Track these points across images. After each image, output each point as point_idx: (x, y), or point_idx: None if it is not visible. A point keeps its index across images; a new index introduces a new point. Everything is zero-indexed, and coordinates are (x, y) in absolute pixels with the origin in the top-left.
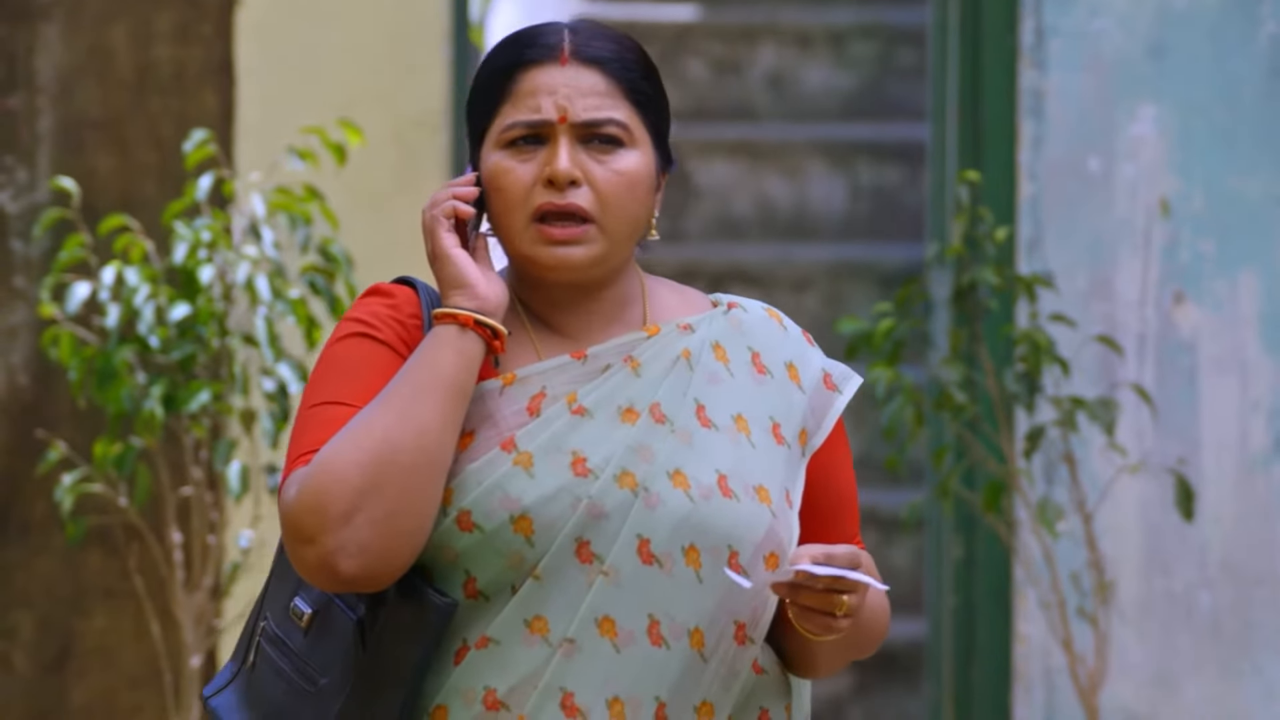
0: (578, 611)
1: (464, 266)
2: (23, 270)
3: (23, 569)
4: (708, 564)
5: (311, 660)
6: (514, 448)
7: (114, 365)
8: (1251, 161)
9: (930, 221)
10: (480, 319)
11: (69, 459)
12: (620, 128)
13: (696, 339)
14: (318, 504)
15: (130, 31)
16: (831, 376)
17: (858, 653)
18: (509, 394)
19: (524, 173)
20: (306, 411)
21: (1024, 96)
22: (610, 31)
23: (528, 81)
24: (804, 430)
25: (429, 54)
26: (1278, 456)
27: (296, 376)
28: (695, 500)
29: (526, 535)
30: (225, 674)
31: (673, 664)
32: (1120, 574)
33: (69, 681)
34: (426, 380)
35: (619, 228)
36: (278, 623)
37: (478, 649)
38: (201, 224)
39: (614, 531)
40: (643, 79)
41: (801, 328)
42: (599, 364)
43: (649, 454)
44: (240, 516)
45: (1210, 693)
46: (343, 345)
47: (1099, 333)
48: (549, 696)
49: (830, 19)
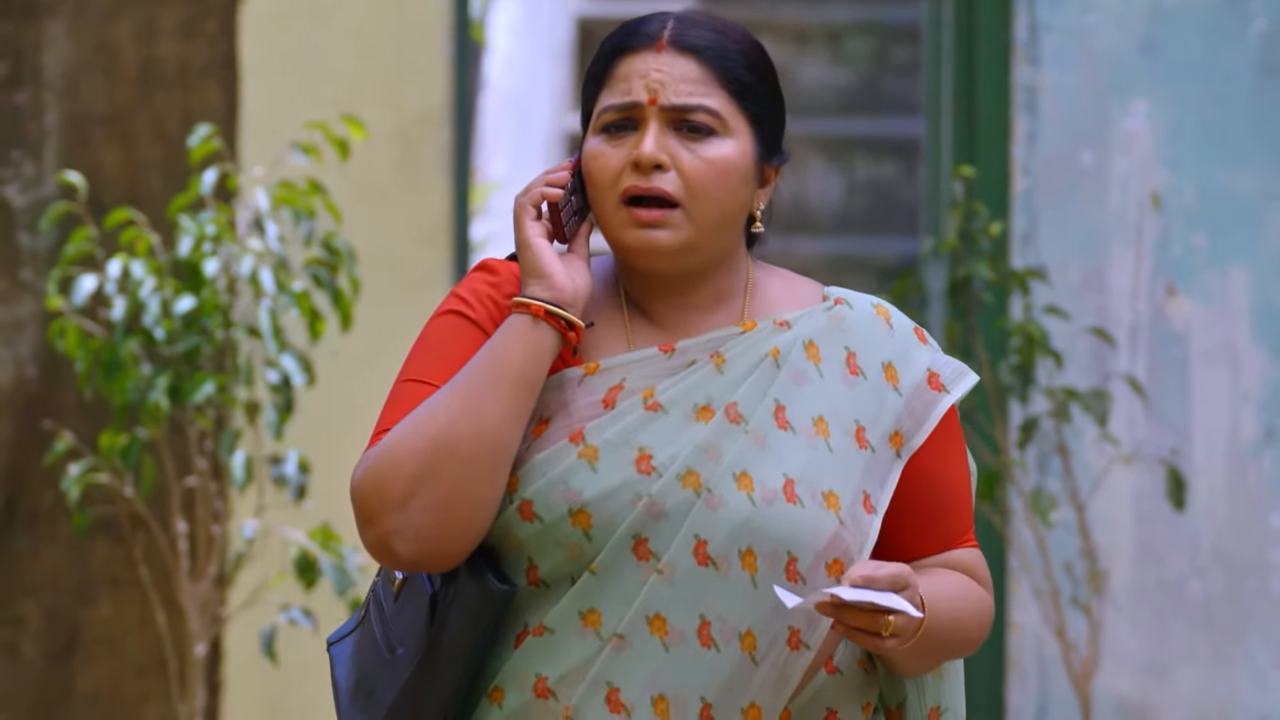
0: (630, 607)
1: (542, 256)
2: (30, 263)
3: (30, 558)
4: (764, 569)
5: (395, 627)
6: (581, 440)
7: (120, 357)
8: (1242, 156)
9: (926, 216)
10: (553, 310)
11: (76, 450)
12: (711, 115)
13: (789, 337)
14: (377, 487)
15: (135, 28)
16: (940, 376)
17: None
18: (588, 384)
19: (614, 157)
20: (395, 386)
21: (1018, 92)
22: (716, 21)
23: (624, 67)
24: (898, 432)
25: (431, 50)
26: (1268, 447)
27: (300, 368)
28: (757, 504)
29: (584, 529)
30: (349, 624)
31: (721, 665)
32: (1113, 563)
33: (76, 669)
34: (493, 371)
35: (707, 215)
36: (383, 583)
37: (535, 636)
38: (206, 218)
39: (672, 530)
40: (744, 68)
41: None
42: (685, 359)
43: (717, 454)
44: (244, 506)
45: (1201, 680)
46: (438, 322)
47: (1092, 325)
48: (595, 689)
49: (827, 16)
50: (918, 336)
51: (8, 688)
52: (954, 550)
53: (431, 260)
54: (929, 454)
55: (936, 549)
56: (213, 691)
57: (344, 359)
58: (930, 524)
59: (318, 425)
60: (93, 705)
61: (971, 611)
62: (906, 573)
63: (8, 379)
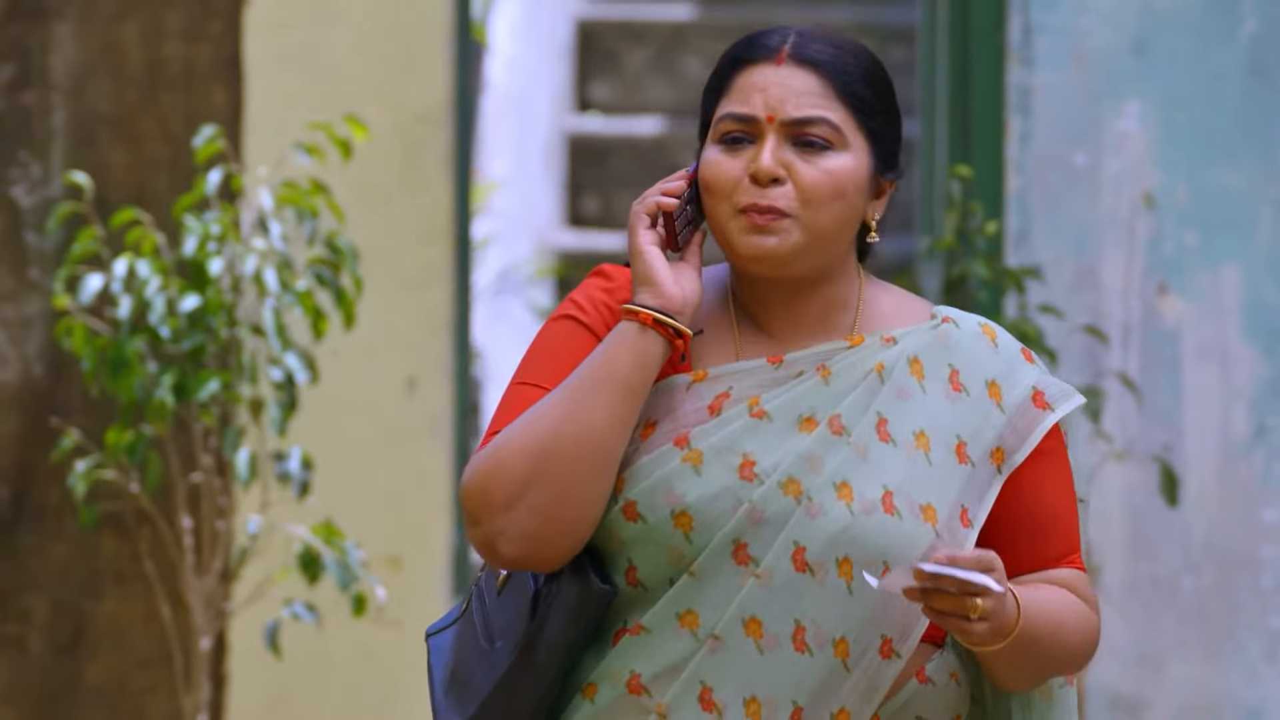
0: (727, 610)
1: (653, 264)
2: (37, 262)
3: (37, 553)
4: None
5: (495, 621)
6: (687, 444)
7: (126, 355)
8: (1233, 155)
9: (921, 215)
10: (661, 318)
11: (82, 446)
12: (830, 128)
13: (894, 352)
14: (484, 489)
15: (141, 29)
16: (1045, 395)
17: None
18: (695, 390)
19: (732, 166)
20: (509, 388)
21: (1012, 93)
22: (836, 37)
23: (743, 78)
24: (1000, 449)
25: (433, 51)
26: (1259, 443)
27: (303, 366)
28: (856, 514)
29: (686, 531)
30: (449, 616)
31: (814, 671)
32: (1106, 558)
33: (82, 663)
34: (600, 377)
35: (821, 225)
36: (486, 577)
37: (631, 634)
38: (211, 217)
39: (772, 537)
40: (861, 83)
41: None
42: (792, 370)
43: (818, 464)
44: (248, 502)
45: (1194, 673)
46: (552, 326)
47: (1085, 323)
48: (689, 689)
49: (824, 18)
50: (1024, 356)
51: (15, 681)
52: (1057, 570)
53: (433, 259)
54: (1030, 472)
55: (1036, 568)
56: (217, 685)
57: (347, 357)
58: (1030, 543)
59: (321, 422)
60: (99, 698)
61: (1073, 622)
62: (992, 557)
63: (15, 377)
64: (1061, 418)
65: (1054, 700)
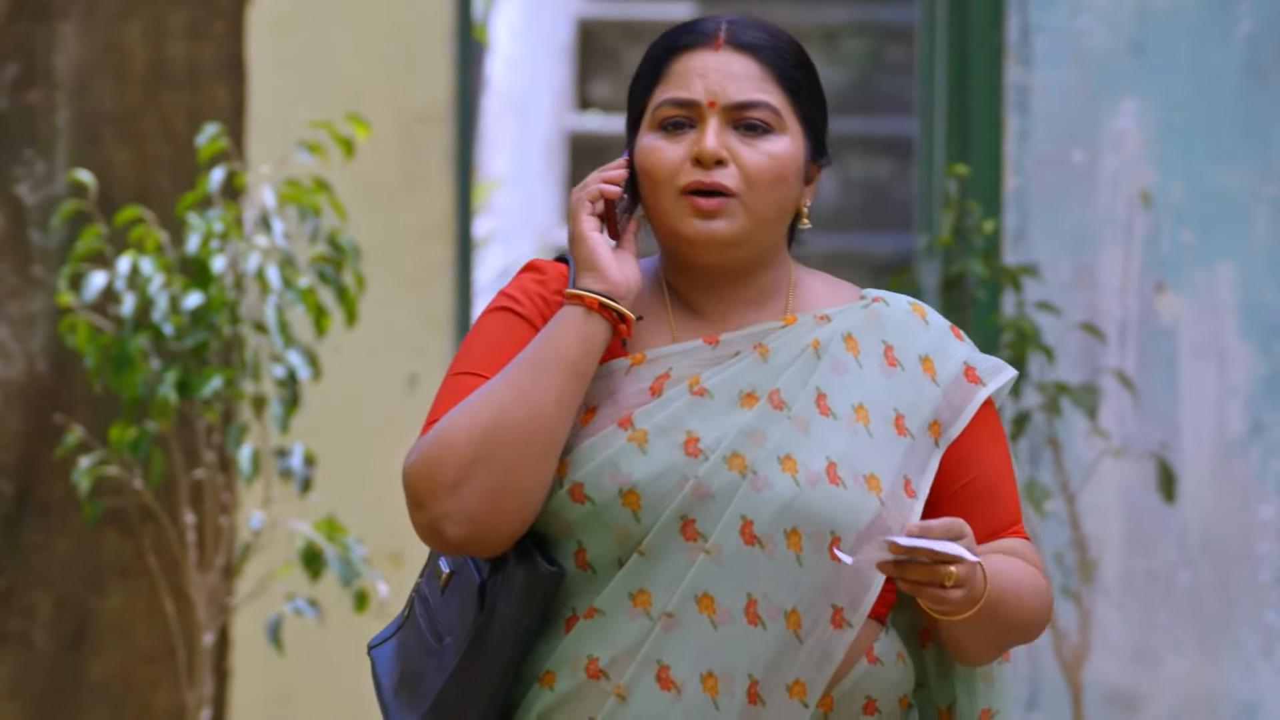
0: (679, 587)
1: (597, 249)
2: (41, 260)
3: (41, 549)
4: (809, 548)
5: (442, 618)
6: (630, 425)
7: (129, 352)
8: (1229, 154)
9: (920, 213)
10: (606, 302)
11: (86, 442)
12: (770, 112)
13: (829, 330)
14: (429, 472)
15: (144, 29)
16: (977, 369)
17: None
18: (635, 373)
19: (673, 152)
20: (445, 380)
21: (1010, 92)
22: (766, 24)
23: (681, 64)
24: (936, 422)
25: (433, 51)
26: (1255, 440)
27: (305, 363)
28: (801, 485)
29: (634, 510)
30: (390, 628)
31: (768, 643)
32: (1103, 553)
33: (86, 658)
34: (546, 359)
35: (763, 208)
36: (427, 580)
37: (586, 619)
38: (214, 215)
39: (719, 511)
40: (796, 68)
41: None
42: (729, 350)
43: (761, 438)
44: (251, 498)
45: (1189, 667)
46: (487, 319)
47: (1082, 320)
48: (646, 668)
49: (822, 17)
50: (954, 333)
51: (20, 675)
52: (1004, 539)
53: (434, 256)
54: (968, 444)
55: (984, 538)
56: (220, 679)
57: (349, 354)
58: (975, 513)
59: (323, 419)
60: (103, 693)
61: (1030, 587)
62: (960, 524)
63: (20, 373)
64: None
65: (994, 679)
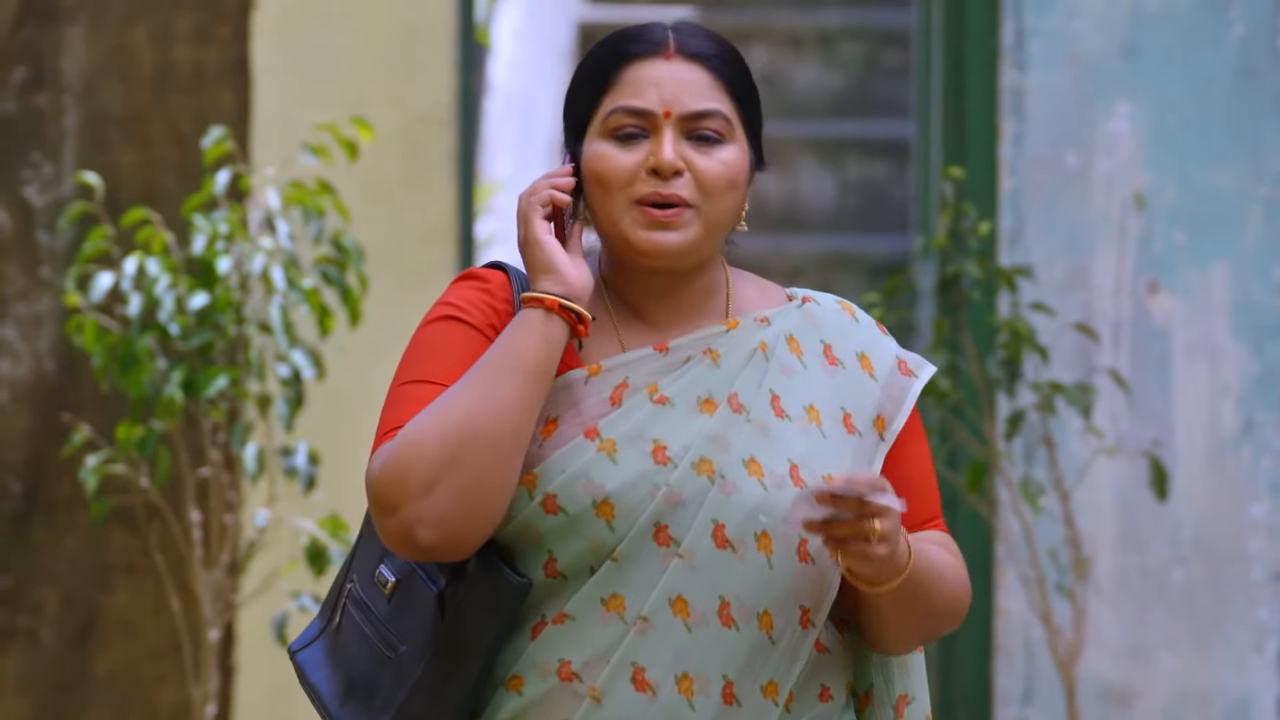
0: (653, 591)
1: (553, 253)
2: (49, 261)
3: (49, 546)
4: (778, 550)
5: (393, 627)
6: (597, 435)
7: (136, 352)
8: (1222, 156)
9: (916, 215)
10: (565, 304)
11: (93, 441)
12: (723, 121)
13: (772, 332)
14: (400, 476)
15: (151, 33)
16: (907, 363)
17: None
18: (593, 384)
19: (626, 160)
20: (395, 390)
21: (1005, 95)
22: (710, 32)
23: (632, 73)
24: (880, 417)
25: (436, 54)
26: (1247, 439)
27: (309, 363)
28: (768, 488)
29: (608, 520)
30: (311, 630)
31: (741, 644)
32: (1097, 551)
33: (93, 654)
34: (510, 361)
35: (716, 217)
36: (363, 587)
37: (555, 624)
38: (219, 217)
39: (690, 517)
40: (741, 76)
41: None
42: (680, 356)
43: (725, 443)
44: (256, 496)
45: (1182, 664)
46: (433, 328)
47: (1076, 321)
48: (621, 671)
49: (820, 21)
50: (880, 329)
51: (27, 671)
52: (927, 531)
53: (437, 257)
54: (900, 438)
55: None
56: (225, 675)
57: (352, 354)
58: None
59: (327, 418)
60: (109, 688)
61: (953, 575)
62: (884, 480)
63: (27, 373)
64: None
65: (910, 668)
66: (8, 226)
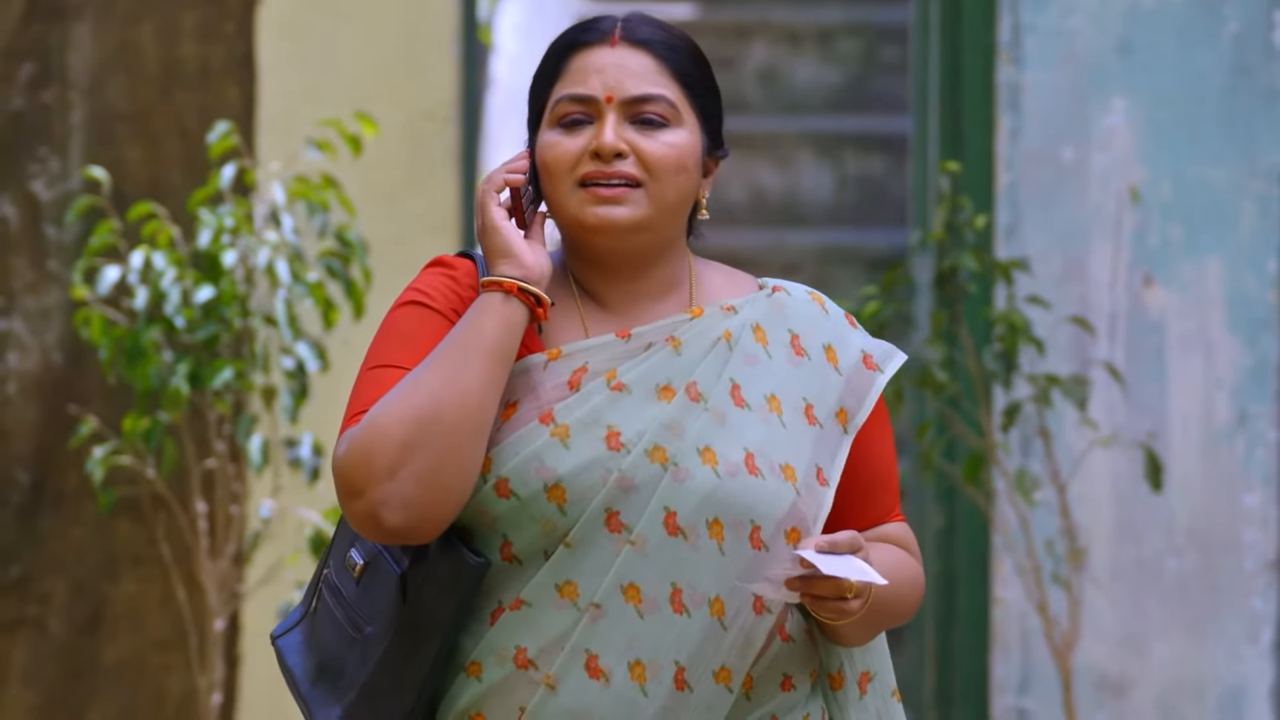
0: (605, 578)
1: (510, 237)
2: (56, 255)
3: (56, 537)
4: (730, 538)
5: (360, 609)
6: (552, 420)
7: (142, 344)
8: (1216, 151)
9: (913, 209)
10: (524, 286)
11: (100, 433)
12: (667, 105)
13: (738, 320)
14: (365, 459)
15: (157, 29)
16: (872, 356)
17: (886, 624)
18: (552, 368)
19: (572, 145)
20: (363, 374)
21: (1001, 91)
22: (661, 21)
23: (578, 61)
24: (842, 410)
25: (439, 51)
26: (1241, 430)
27: (314, 355)
28: (721, 476)
29: (559, 504)
30: (293, 617)
31: (693, 630)
32: (1092, 541)
33: (100, 643)
34: (471, 344)
35: (665, 196)
36: (336, 572)
37: (511, 610)
38: (225, 211)
39: (643, 503)
40: (691, 63)
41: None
42: (641, 343)
43: (680, 430)
44: (261, 488)
45: (1177, 653)
46: (400, 313)
47: (1072, 314)
48: (574, 658)
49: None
50: (849, 321)
51: (35, 661)
52: (887, 525)
53: (440, 251)
54: (866, 433)
55: (873, 522)
56: (231, 664)
57: (356, 346)
58: (867, 499)
59: (331, 410)
60: (116, 677)
61: (909, 581)
62: (857, 536)
63: (35, 366)
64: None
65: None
66: (15, 221)
